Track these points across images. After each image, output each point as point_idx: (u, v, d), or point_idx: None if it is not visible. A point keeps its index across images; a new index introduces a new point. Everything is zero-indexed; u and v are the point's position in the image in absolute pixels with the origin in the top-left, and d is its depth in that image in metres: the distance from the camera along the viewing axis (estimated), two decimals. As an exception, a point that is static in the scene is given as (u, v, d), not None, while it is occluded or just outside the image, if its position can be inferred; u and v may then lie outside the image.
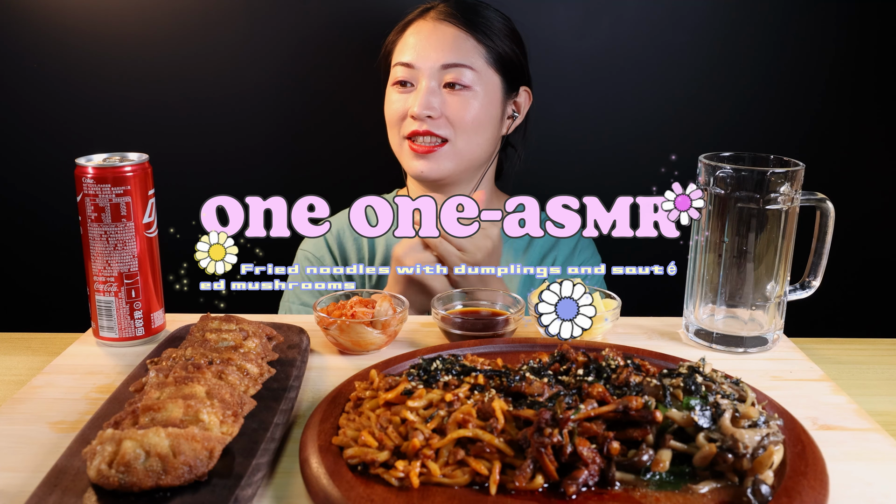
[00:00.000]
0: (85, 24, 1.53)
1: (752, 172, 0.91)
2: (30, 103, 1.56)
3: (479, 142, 1.31)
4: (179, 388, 0.70)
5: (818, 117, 1.59)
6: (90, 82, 1.55)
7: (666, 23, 1.55)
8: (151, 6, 1.52)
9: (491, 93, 1.30)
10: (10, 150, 1.59)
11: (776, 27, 1.54)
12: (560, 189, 1.63)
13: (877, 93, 1.57)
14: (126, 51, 1.54)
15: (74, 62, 1.54)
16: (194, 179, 1.60)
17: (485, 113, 1.29)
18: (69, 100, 1.56)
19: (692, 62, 1.56)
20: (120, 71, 1.55)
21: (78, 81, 1.55)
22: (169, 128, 1.59)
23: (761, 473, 0.63)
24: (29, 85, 1.55)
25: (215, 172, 1.61)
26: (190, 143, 1.60)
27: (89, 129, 1.57)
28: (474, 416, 0.67)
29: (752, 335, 0.96)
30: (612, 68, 1.57)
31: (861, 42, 1.54)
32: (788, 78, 1.56)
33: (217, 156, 1.61)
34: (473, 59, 1.28)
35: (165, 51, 1.54)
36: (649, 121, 1.59)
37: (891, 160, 1.60)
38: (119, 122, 1.57)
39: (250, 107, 1.59)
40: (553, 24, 1.55)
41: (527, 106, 1.40)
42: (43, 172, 1.59)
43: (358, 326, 0.91)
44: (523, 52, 1.37)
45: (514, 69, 1.34)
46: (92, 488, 0.61)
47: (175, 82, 1.56)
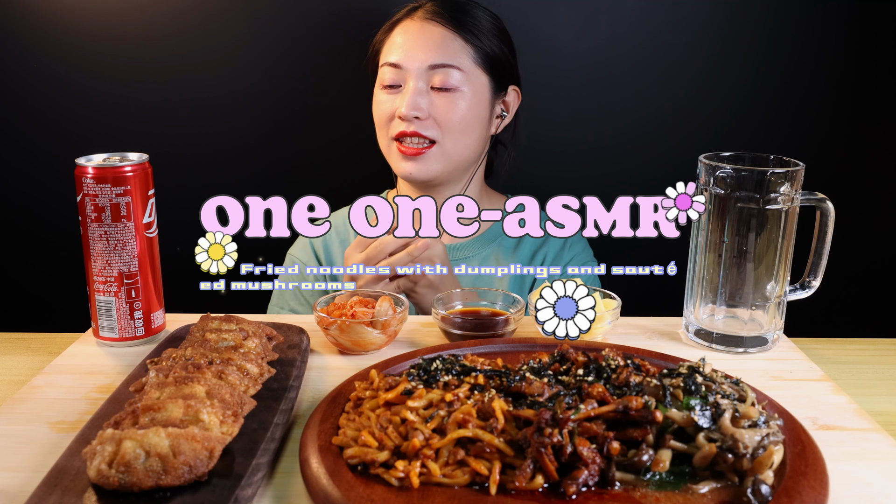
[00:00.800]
0: (85, 24, 1.53)
1: (752, 172, 0.91)
2: (30, 103, 1.57)
3: (468, 142, 1.30)
4: (179, 388, 0.70)
5: (818, 117, 1.59)
6: (90, 82, 1.55)
7: (666, 23, 1.55)
8: (151, 6, 1.52)
9: (479, 93, 1.30)
10: (10, 150, 1.59)
11: (776, 27, 1.54)
12: (560, 189, 1.63)
13: (877, 93, 1.57)
14: (126, 51, 1.54)
15: (74, 62, 1.54)
16: (194, 179, 1.61)
17: (473, 113, 1.29)
18: (69, 100, 1.56)
19: (692, 62, 1.56)
20: (120, 71, 1.55)
21: (78, 81, 1.55)
22: (169, 128, 1.59)
23: (761, 473, 0.63)
24: (29, 85, 1.55)
25: (215, 172, 1.61)
26: (190, 143, 1.60)
27: (89, 129, 1.57)
28: (474, 416, 0.67)
29: (752, 335, 0.96)
30: (612, 68, 1.57)
31: (861, 42, 1.55)
32: (788, 78, 1.56)
33: (217, 156, 1.61)
34: (461, 59, 1.27)
35: (165, 51, 1.54)
36: (649, 121, 1.59)
37: (891, 160, 1.60)
38: (119, 122, 1.57)
39: (250, 107, 1.59)
40: (553, 24, 1.55)
41: (516, 105, 1.40)
42: (43, 172, 1.59)
43: (358, 326, 0.91)
44: (512, 50, 1.36)
45: (503, 68, 1.33)
46: (92, 488, 0.61)
47: (175, 82, 1.56)
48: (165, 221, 1.75)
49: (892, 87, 1.56)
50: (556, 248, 1.38)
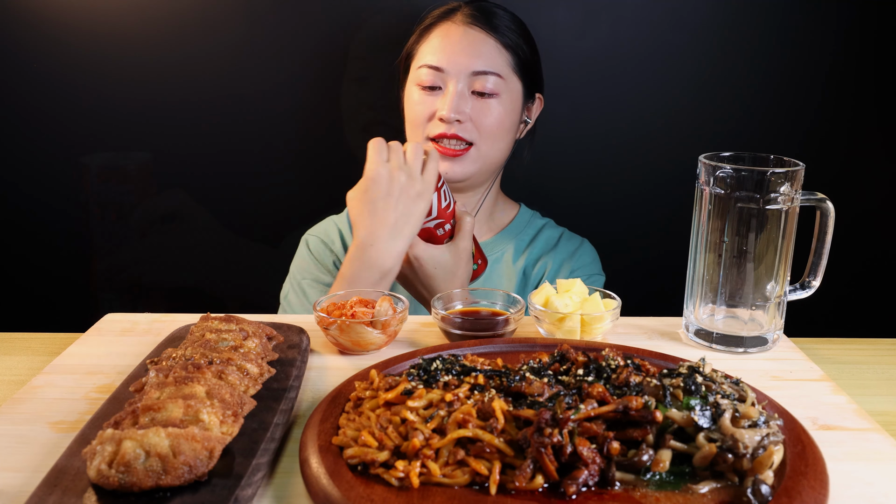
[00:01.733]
0: (85, 24, 1.53)
1: (752, 172, 0.91)
2: (30, 103, 1.57)
3: (501, 147, 1.34)
4: (179, 388, 0.70)
5: (818, 117, 1.59)
6: (90, 82, 1.55)
7: (666, 23, 1.55)
8: (151, 6, 1.52)
9: (514, 99, 1.33)
10: (10, 150, 1.59)
11: (776, 27, 1.54)
12: (559, 188, 1.64)
13: (877, 93, 1.57)
14: (127, 51, 1.54)
15: (74, 62, 1.54)
16: (194, 179, 1.61)
17: (508, 119, 1.32)
18: (69, 100, 1.56)
19: (692, 62, 1.56)
20: (120, 71, 1.55)
21: (78, 81, 1.55)
22: (169, 128, 1.59)
23: (761, 473, 0.63)
24: (29, 85, 1.55)
25: (215, 172, 1.61)
26: (190, 144, 1.60)
27: (89, 128, 1.57)
28: (474, 416, 0.67)
29: (752, 335, 0.96)
30: (613, 68, 1.57)
31: (861, 42, 1.54)
32: (788, 78, 1.56)
33: (217, 155, 1.61)
34: (500, 65, 1.30)
35: (166, 51, 1.54)
36: (649, 121, 1.59)
37: (891, 160, 1.60)
38: (119, 121, 1.57)
39: (250, 107, 1.59)
40: (553, 24, 1.55)
41: (538, 112, 1.43)
42: (43, 172, 1.59)
43: (358, 326, 0.91)
44: (538, 56, 1.39)
45: (534, 75, 1.37)
46: (92, 488, 0.61)
47: (175, 82, 1.56)
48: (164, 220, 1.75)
49: (892, 87, 1.56)
50: (563, 256, 1.39)
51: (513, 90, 1.33)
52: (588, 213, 1.61)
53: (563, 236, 1.43)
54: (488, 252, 1.39)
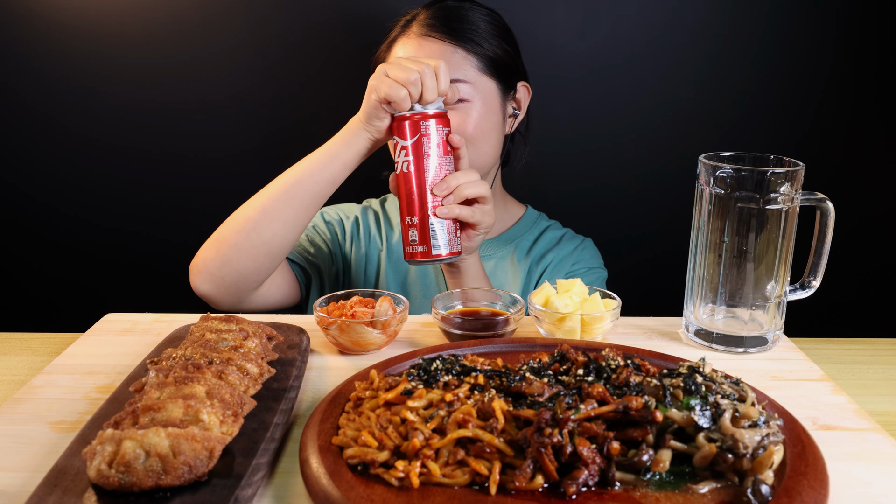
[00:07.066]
0: (85, 24, 1.53)
1: (752, 172, 0.91)
2: (30, 103, 1.57)
3: (486, 149, 1.28)
4: (179, 388, 0.70)
5: (818, 117, 1.59)
6: (90, 82, 1.55)
7: (666, 23, 1.55)
8: (152, 6, 1.52)
9: (489, 100, 1.27)
10: (10, 150, 1.59)
11: (776, 27, 1.54)
12: (559, 188, 1.64)
13: (877, 93, 1.57)
14: (126, 51, 1.54)
15: (74, 62, 1.54)
16: (194, 179, 1.61)
17: (486, 121, 1.26)
18: (69, 100, 1.56)
19: (692, 62, 1.56)
20: (120, 71, 1.55)
21: (78, 81, 1.55)
22: (169, 128, 1.59)
23: (761, 473, 0.63)
24: (29, 85, 1.55)
25: (215, 173, 1.61)
26: (190, 144, 1.60)
27: (89, 128, 1.58)
28: (474, 416, 0.67)
29: (752, 335, 0.96)
30: (613, 68, 1.57)
31: (861, 42, 1.55)
32: (788, 78, 1.56)
33: (217, 156, 1.61)
34: (465, 70, 1.23)
35: (166, 51, 1.54)
36: (649, 121, 1.59)
37: (891, 160, 1.60)
38: (119, 121, 1.58)
39: (250, 108, 1.59)
40: (553, 24, 1.55)
41: (527, 100, 1.37)
42: (43, 172, 1.59)
43: (358, 326, 0.91)
44: (515, 47, 1.33)
45: (508, 69, 1.31)
46: (92, 488, 0.61)
47: (175, 82, 1.56)
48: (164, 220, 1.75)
49: (892, 87, 1.56)
50: (565, 252, 1.38)
51: (486, 91, 1.26)
52: (588, 212, 1.61)
53: (566, 235, 1.43)
54: (493, 251, 1.38)
